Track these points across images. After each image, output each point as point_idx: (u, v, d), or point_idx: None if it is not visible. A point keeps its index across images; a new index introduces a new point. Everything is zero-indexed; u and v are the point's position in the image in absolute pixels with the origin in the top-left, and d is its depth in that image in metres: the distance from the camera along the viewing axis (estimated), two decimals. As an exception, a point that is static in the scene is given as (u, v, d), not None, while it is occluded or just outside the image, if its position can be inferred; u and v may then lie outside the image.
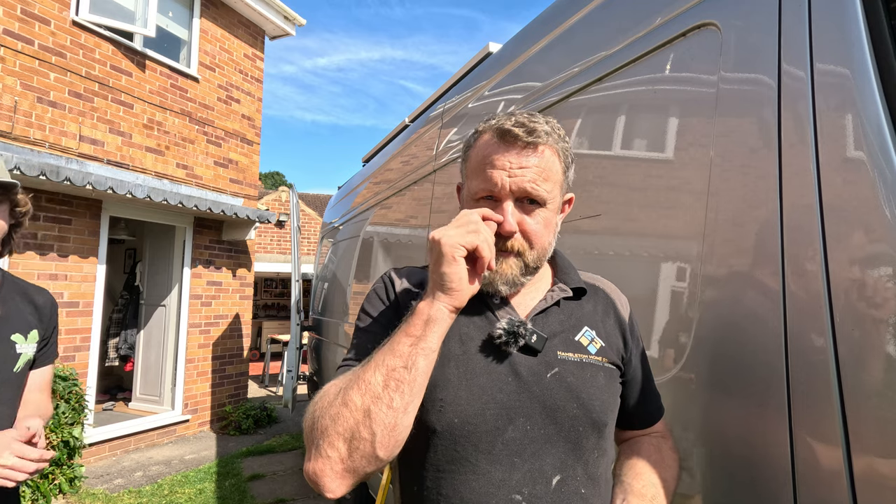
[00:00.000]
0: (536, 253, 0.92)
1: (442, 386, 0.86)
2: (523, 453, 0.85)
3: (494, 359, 0.89)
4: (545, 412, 0.87)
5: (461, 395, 0.86)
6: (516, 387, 0.88)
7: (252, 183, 7.31)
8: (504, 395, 0.87)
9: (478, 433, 0.85)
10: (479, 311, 0.93)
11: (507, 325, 0.89)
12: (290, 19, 7.52)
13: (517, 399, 0.87)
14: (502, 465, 0.84)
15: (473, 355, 0.89)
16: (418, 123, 3.22)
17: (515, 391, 0.87)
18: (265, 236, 13.11)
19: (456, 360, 0.89)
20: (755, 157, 1.00)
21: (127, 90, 5.69)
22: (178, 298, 6.37)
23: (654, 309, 1.22)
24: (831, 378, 0.82)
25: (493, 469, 0.84)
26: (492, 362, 0.89)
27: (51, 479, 4.11)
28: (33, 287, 1.61)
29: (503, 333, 0.89)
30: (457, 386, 0.86)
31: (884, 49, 0.85)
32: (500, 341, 0.89)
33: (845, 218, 0.84)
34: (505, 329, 0.89)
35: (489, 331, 0.91)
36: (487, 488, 0.83)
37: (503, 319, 0.91)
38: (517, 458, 0.85)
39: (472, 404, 0.85)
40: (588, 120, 1.53)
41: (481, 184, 0.90)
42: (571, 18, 1.69)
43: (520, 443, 0.85)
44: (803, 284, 0.88)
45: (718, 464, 1.01)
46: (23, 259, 4.75)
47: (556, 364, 0.90)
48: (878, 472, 0.77)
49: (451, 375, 0.87)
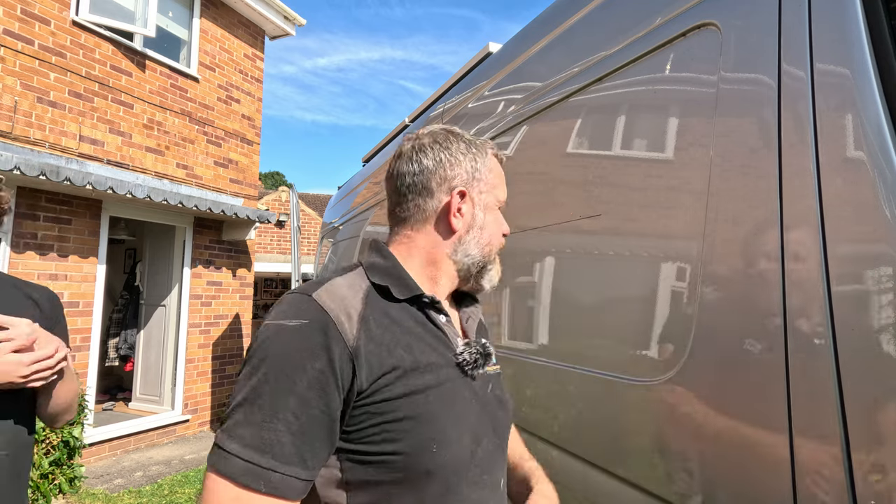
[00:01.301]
0: None
1: (430, 423, 0.81)
2: (486, 470, 0.88)
3: (460, 383, 0.88)
4: (492, 426, 0.91)
5: (449, 432, 0.82)
6: (478, 408, 0.89)
7: (252, 183, 7.31)
8: (473, 417, 0.87)
9: (464, 463, 0.84)
10: (429, 333, 0.89)
11: (476, 350, 0.90)
12: (290, 19, 7.52)
13: (479, 420, 0.88)
14: (477, 486, 0.86)
15: (444, 382, 0.85)
16: (418, 123, 3.22)
17: (478, 412, 0.89)
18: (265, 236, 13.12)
19: (435, 393, 0.83)
20: (755, 157, 1.00)
21: (127, 90, 5.69)
22: (178, 298, 6.37)
23: (654, 309, 1.22)
24: (831, 378, 0.82)
25: (472, 491, 0.85)
26: (459, 386, 0.87)
27: (51, 479, 4.11)
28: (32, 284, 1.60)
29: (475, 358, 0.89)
30: (442, 421, 0.82)
31: (884, 49, 0.85)
32: (469, 366, 0.89)
33: (845, 218, 0.84)
34: (474, 353, 0.90)
35: (447, 354, 0.89)
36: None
37: (460, 340, 0.92)
38: (485, 475, 0.88)
39: (457, 438, 0.83)
40: (588, 120, 1.52)
41: (503, 195, 1.02)
42: (571, 18, 1.69)
43: (484, 461, 0.88)
44: (803, 284, 0.88)
45: (718, 464, 1.01)
46: (23, 259, 4.75)
47: (489, 379, 0.95)
48: (878, 472, 0.77)
49: (434, 410, 0.82)
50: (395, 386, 0.80)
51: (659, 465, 1.15)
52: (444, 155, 0.96)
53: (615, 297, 1.37)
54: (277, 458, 0.72)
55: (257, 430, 0.73)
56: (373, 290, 0.88)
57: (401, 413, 0.79)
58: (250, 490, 0.71)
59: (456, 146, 0.98)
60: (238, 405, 0.75)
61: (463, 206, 0.95)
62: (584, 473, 1.37)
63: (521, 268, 1.77)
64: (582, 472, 1.38)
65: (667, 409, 1.13)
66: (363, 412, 0.78)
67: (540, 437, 1.58)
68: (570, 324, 1.55)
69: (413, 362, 0.82)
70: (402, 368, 0.81)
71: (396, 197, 0.98)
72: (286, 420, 0.73)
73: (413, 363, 0.82)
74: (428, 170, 0.95)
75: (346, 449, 0.79)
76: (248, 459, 0.72)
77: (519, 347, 1.57)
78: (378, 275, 0.90)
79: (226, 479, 0.72)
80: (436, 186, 0.95)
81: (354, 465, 0.79)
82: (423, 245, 0.95)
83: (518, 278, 1.78)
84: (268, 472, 0.72)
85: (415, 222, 0.96)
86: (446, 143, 0.97)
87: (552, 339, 1.63)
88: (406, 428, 0.79)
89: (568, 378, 1.49)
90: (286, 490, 0.73)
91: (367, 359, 0.79)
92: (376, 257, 0.95)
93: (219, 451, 0.73)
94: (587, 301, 1.46)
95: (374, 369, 0.79)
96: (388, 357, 0.81)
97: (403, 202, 0.97)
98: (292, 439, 0.73)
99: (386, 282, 0.89)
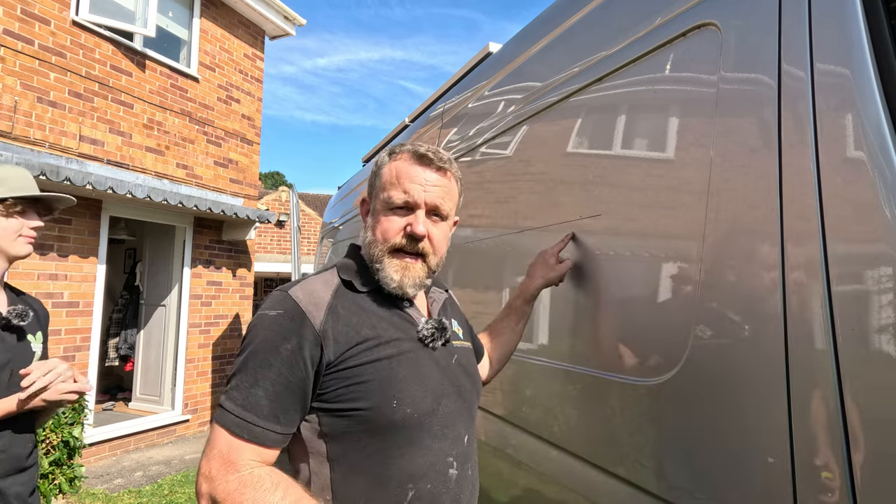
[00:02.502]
0: (437, 258, 1.12)
1: (393, 384, 1.00)
2: (448, 425, 1.06)
3: (421, 353, 1.07)
4: (455, 390, 1.10)
5: (408, 391, 1.01)
6: (439, 374, 1.08)
7: (252, 183, 7.31)
8: (434, 382, 1.06)
9: (425, 418, 1.02)
10: (395, 315, 1.09)
11: (432, 325, 1.10)
12: (290, 19, 7.52)
13: (440, 384, 1.07)
14: (438, 438, 1.04)
15: (407, 353, 1.05)
16: (418, 123, 3.22)
17: (439, 378, 1.07)
18: (265, 236, 13.11)
19: (397, 361, 1.02)
20: (755, 157, 1.00)
21: (127, 90, 5.69)
22: (178, 298, 6.37)
23: (654, 309, 1.22)
24: (831, 378, 0.82)
25: (434, 442, 1.03)
26: (420, 356, 1.06)
27: (51, 479, 4.11)
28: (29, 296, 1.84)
29: (432, 332, 1.09)
30: (401, 382, 1.01)
31: (884, 49, 0.85)
32: (428, 340, 1.08)
33: (845, 218, 0.84)
34: (431, 328, 1.09)
35: (410, 330, 1.08)
36: (431, 458, 1.03)
37: (422, 320, 1.11)
38: (446, 429, 1.06)
39: (420, 395, 1.02)
40: (588, 120, 1.52)
41: (401, 194, 1.07)
42: (571, 18, 1.69)
43: (446, 417, 1.06)
44: (803, 284, 0.88)
45: (718, 464, 1.01)
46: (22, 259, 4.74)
47: (454, 351, 1.15)
48: (878, 472, 0.77)
49: (398, 374, 1.01)
50: (361, 356, 0.99)
51: (659, 465, 1.15)
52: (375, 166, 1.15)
53: (615, 297, 1.37)
54: (258, 415, 0.94)
55: (245, 393, 0.95)
56: (342, 284, 1.08)
57: (366, 377, 0.98)
58: (239, 438, 0.93)
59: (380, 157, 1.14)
60: (234, 374, 0.98)
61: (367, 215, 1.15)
62: (584, 473, 1.37)
63: (521, 268, 1.77)
64: (582, 472, 1.38)
65: (667, 409, 1.13)
66: (332, 378, 0.98)
67: (540, 437, 1.58)
68: (571, 324, 1.55)
69: (377, 337, 1.02)
70: (367, 342, 1.01)
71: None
72: (265, 387, 0.95)
73: (377, 338, 1.02)
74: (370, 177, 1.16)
75: (323, 408, 0.99)
76: (237, 415, 0.94)
77: (519, 347, 1.57)
78: (345, 272, 1.11)
79: (223, 429, 0.94)
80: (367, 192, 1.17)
81: (330, 419, 0.99)
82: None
83: (518, 278, 1.78)
84: (251, 425, 0.93)
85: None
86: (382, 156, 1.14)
87: (552, 339, 1.63)
88: (371, 388, 0.98)
89: (568, 378, 1.49)
90: (264, 439, 0.94)
91: (335, 338, 0.99)
92: (346, 258, 1.16)
93: (220, 409, 0.96)
94: (587, 301, 1.46)
95: (342, 345, 0.99)
96: (355, 334, 1.01)
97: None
98: (269, 402, 0.95)
99: (350, 277, 1.09)
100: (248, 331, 1.01)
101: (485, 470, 1.93)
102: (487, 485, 1.86)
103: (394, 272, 1.07)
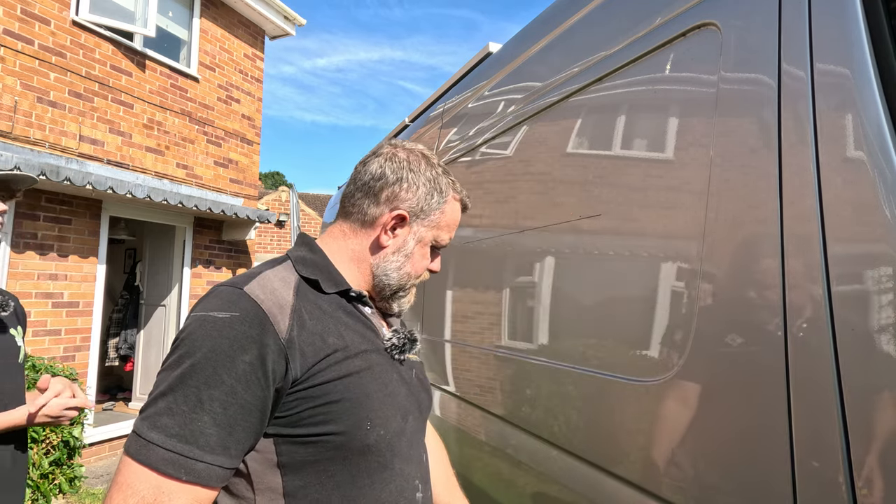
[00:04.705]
0: None
1: (365, 403, 0.87)
2: (414, 444, 0.97)
3: (388, 366, 0.95)
4: (417, 406, 1.00)
5: (381, 411, 0.89)
6: (405, 389, 0.97)
7: (252, 183, 7.31)
8: (401, 398, 0.95)
9: (395, 439, 0.91)
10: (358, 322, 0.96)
11: (403, 335, 1.00)
12: (290, 19, 7.52)
13: (406, 400, 0.96)
14: (406, 461, 0.94)
15: (374, 366, 0.92)
16: (418, 123, 3.22)
17: (405, 393, 0.97)
18: (265, 236, 13.11)
19: (368, 375, 0.89)
20: (755, 157, 1.00)
21: (127, 90, 5.69)
22: (178, 298, 6.37)
23: (654, 309, 1.22)
24: (831, 378, 0.82)
25: (404, 465, 0.93)
26: (388, 370, 0.95)
27: (51, 478, 4.11)
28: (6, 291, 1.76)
29: (402, 343, 0.98)
30: (375, 401, 0.88)
31: (884, 49, 0.84)
32: (397, 351, 0.98)
33: (845, 218, 0.84)
34: (402, 339, 0.99)
35: (375, 340, 0.96)
36: (401, 483, 0.92)
37: (386, 331, 1.01)
38: (412, 449, 0.96)
39: (390, 415, 0.90)
40: (588, 120, 1.53)
41: (446, 239, 1.05)
42: (571, 18, 1.69)
43: (411, 436, 0.97)
44: (803, 284, 0.88)
45: (718, 464, 1.01)
46: (23, 259, 4.74)
47: (413, 365, 1.05)
48: (878, 472, 0.77)
49: (367, 391, 0.88)
50: (330, 371, 0.84)
51: (659, 465, 1.15)
52: (408, 175, 0.99)
53: (615, 297, 1.37)
54: (203, 447, 0.74)
55: (182, 419, 0.74)
56: (303, 282, 0.91)
57: (337, 395, 0.83)
58: (171, 478, 0.73)
59: (423, 175, 1.01)
60: (162, 394, 0.76)
61: (399, 228, 1.00)
62: (584, 473, 1.37)
63: (521, 268, 1.77)
64: (582, 472, 1.38)
65: (667, 409, 1.13)
66: (297, 398, 0.82)
67: (540, 437, 1.58)
68: (570, 324, 1.55)
69: (346, 349, 0.88)
70: (336, 355, 0.86)
71: (352, 188, 1.02)
72: (212, 411, 0.75)
73: (345, 350, 0.87)
74: (385, 180, 0.99)
75: (282, 434, 0.83)
76: (170, 449, 0.73)
77: (519, 347, 1.57)
78: (307, 269, 0.94)
79: (146, 468, 0.73)
80: (384, 199, 0.99)
81: (291, 447, 0.83)
82: (354, 247, 1.01)
83: (518, 278, 1.78)
84: (192, 461, 0.74)
85: (355, 221, 1.01)
86: (417, 166, 1.01)
87: (552, 339, 1.63)
88: (343, 409, 0.84)
89: (568, 378, 1.49)
90: (208, 478, 0.75)
91: (301, 349, 0.82)
92: (305, 251, 0.98)
93: (139, 440, 0.75)
94: (587, 301, 1.46)
95: (309, 358, 0.82)
96: (322, 345, 0.85)
97: (354, 197, 1.02)
98: (217, 430, 0.75)
99: (315, 275, 0.93)
100: (185, 338, 0.79)
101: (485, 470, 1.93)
102: (487, 485, 1.86)
103: (410, 299, 1.07)
